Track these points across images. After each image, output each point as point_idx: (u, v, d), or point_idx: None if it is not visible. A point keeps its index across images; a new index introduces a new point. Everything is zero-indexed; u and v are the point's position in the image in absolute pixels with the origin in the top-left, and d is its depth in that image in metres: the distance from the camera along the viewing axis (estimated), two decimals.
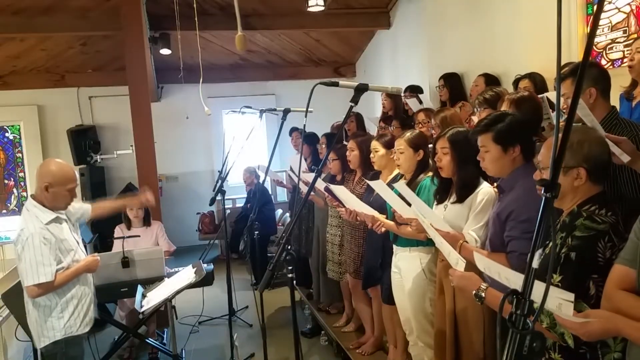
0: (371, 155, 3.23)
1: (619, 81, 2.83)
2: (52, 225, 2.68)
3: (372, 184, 2.57)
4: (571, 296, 1.25)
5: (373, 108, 6.54)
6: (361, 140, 3.55)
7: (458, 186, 2.39)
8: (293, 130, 5.53)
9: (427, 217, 2.26)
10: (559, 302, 1.26)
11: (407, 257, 2.79)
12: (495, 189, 2.58)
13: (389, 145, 3.14)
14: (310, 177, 3.51)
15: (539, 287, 1.00)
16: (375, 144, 3.20)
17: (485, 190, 2.32)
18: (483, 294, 1.71)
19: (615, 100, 2.83)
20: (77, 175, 2.89)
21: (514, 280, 1.33)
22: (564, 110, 1.95)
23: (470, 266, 1.89)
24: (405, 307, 2.83)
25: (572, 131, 1.64)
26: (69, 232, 2.83)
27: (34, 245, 2.57)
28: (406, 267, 2.79)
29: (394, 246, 2.89)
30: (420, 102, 4.40)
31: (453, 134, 2.42)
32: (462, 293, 2.24)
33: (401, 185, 2.33)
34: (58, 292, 2.70)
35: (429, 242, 2.59)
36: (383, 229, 2.76)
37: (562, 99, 2.19)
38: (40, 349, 2.76)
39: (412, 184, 2.77)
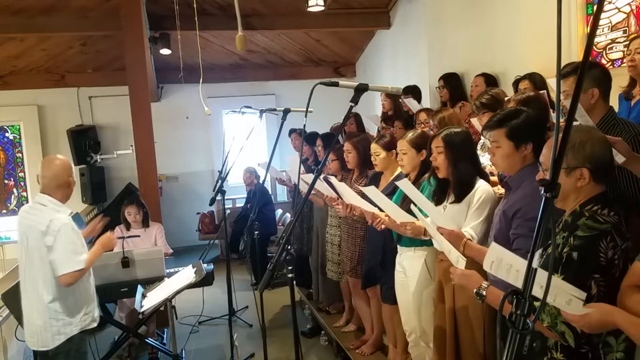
0: (372, 158, 3.22)
1: (619, 81, 2.83)
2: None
3: (365, 189, 2.57)
4: (583, 294, 1.26)
5: (373, 108, 6.54)
6: (357, 140, 3.54)
7: (454, 186, 2.40)
8: (292, 131, 5.50)
9: (431, 214, 2.26)
10: (569, 297, 1.26)
11: (412, 256, 2.78)
12: (498, 187, 2.58)
13: (389, 147, 3.13)
14: (310, 178, 3.51)
15: (544, 276, 1.00)
16: (375, 148, 3.18)
17: (483, 188, 2.33)
18: (484, 293, 1.71)
19: (614, 99, 2.83)
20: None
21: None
22: (563, 111, 1.95)
23: (471, 264, 1.89)
24: (409, 306, 2.82)
25: (574, 131, 1.65)
26: None
27: (67, 234, 2.64)
28: (410, 266, 2.78)
29: (398, 246, 2.89)
30: (419, 101, 4.40)
31: (447, 133, 2.42)
32: (462, 291, 2.23)
33: (405, 183, 2.32)
34: (75, 286, 2.73)
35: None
36: (383, 226, 2.75)
37: (562, 95, 2.19)
38: (50, 350, 2.71)
39: (415, 184, 2.76)
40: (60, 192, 2.76)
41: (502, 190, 2.53)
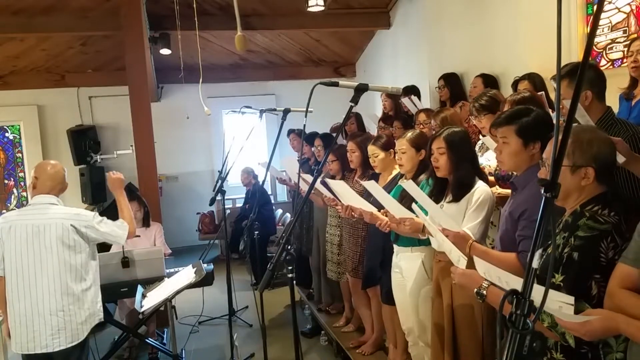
0: (371, 160, 3.21)
1: (619, 81, 2.83)
2: None
3: (365, 184, 2.57)
4: (571, 299, 1.25)
5: (373, 108, 6.54)
6: (361, 140, 3.54)
7: (454, 186, 2.39)
8: (290, 132, 5.49)
9: (436, 215, 2.25)
10: (559, 304, 1.26)
11: (409, 257, 2.77)
12: (496, 188, 2.58)
13: (387, 147, 3.13)
14: (310, 178, 3.50)
15: (539, 289, 1.00)
16: (373, 149, 3.17)
17: (482, 189, 2.32)
18: (484, 292, 1.71)
19: (615, 100, 2.83)
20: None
21: (514, 284, 1.32)
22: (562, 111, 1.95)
23: (472, 264, 1.89)
24: (406, 307, 2.82)
25: (582, 130, 1.65)
26: None
27: (99, 216, 2.89)
28: (408, 266, 2.77)
29: (395, 246, 2.88)
30: (419, 101, 4.40)
31: (449, 134, 2.41)
32: (463, 291, 2.23)
33: (409, 184, 2.31)
34: (97, 275, 2.92)
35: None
36: (388, 229, 2.71)
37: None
38: (76, 343, 2.73)
39: None
40: (61, 193, 2.94)
41: (500, 191, 2.53)
